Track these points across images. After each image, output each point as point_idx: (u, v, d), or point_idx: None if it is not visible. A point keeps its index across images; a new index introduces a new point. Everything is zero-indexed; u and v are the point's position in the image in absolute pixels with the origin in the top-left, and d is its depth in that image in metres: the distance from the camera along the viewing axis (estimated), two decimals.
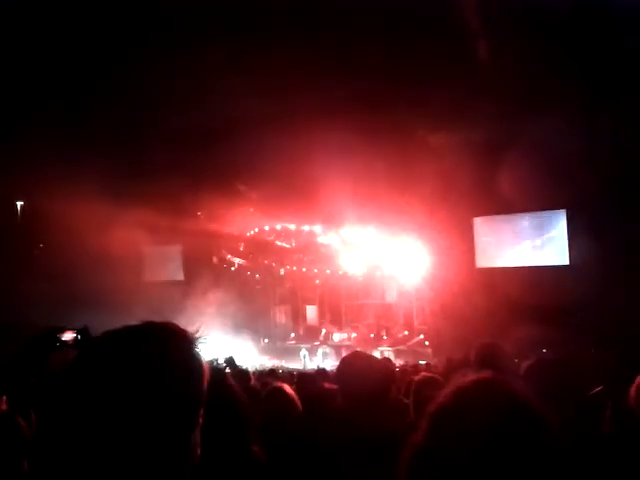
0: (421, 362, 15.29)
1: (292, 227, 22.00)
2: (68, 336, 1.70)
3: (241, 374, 5.72)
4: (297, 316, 24.46)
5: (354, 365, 2.48)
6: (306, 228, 21.67)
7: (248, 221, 21.52)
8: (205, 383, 1.20)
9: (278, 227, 22.14)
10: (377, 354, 15.88)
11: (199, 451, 1.19)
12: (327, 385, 4.00)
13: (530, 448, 1.06)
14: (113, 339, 1.19)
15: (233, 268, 23.69)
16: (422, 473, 1.11)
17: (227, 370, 5.68)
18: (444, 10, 12.37)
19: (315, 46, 13.59)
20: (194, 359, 1.19)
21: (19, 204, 19.91)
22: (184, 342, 1.20)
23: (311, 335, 23.09)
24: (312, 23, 13.24)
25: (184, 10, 13.16)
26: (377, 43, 13.28)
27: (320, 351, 21.25)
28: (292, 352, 21.76)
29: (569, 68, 13.72)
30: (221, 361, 7.27)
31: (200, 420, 1.18)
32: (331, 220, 20.16)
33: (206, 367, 1.22)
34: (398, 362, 15.96)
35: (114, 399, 1.10)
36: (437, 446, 1.10)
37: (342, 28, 13.14)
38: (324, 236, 21.80)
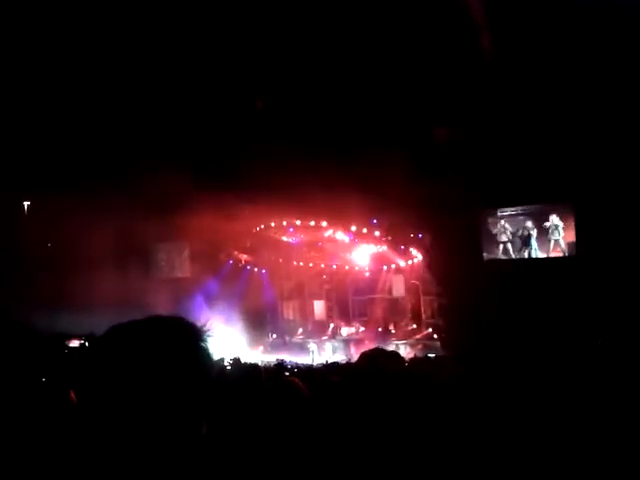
0: (430, 355, 15.31)
1: (298, 222, 21.96)
2: (75, 343, 1.70)
3: (253, 369, 5.73)
4: (305, 311, 24.50)
5: (374, 361, 2.47)
6: (312, 223, 21.63)
7: (254, 217, 21.49)
8: (212, 377, 1.20)
9: (284, 223, 22.10)
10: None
11: (204, 443, 1.18)
12: (334, 378, 4.02)
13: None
14: (120, 333, 1.19)
15: (240, 264, 23.70)
16: None
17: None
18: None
19: (312, 46, 13.55)
20: (202, 353, 1.19)
21: (26, 204, 19.95)
22: (192, 336, 1.20)
23: (319, 330, 23.14)
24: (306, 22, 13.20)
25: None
26: (375, 42, 13.22)
27: (329, 345, 21.30)
28: (301, 347, 21.81)
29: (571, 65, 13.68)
30: (228, 360, 7.25)
31: (206, 414, 1.18)
32: (337, 215, 20.11)
33: (214, 362, 1.22)
34: (407, 355, 15.97)
35: (121, 394, 1.10)
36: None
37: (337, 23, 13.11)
38: (330, 231, 21.77)
